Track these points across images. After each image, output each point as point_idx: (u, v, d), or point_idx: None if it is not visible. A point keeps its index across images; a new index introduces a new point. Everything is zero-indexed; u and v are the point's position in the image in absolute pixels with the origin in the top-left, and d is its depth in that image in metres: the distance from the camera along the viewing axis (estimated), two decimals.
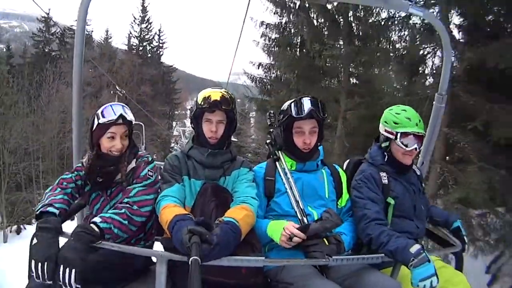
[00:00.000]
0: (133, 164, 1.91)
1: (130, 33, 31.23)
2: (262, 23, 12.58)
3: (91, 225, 1.60)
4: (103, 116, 1.83)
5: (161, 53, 32.11)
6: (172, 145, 26.78)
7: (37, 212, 1.64)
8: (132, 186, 1.83)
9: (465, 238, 2.14)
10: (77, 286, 1.44)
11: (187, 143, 2.08)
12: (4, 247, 15.20)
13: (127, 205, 1.75)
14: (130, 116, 1.90)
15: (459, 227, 2.18)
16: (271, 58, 12.74)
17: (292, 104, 2.00)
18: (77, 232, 1.53)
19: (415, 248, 1.68)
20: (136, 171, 1.88)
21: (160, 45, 32.05)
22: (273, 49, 12.68)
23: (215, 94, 1.92)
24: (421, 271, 1.62)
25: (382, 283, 1.67)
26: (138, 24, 31.18)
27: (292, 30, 12.12)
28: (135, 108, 16.59)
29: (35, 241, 1.49)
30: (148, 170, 1.89)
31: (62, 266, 1.43)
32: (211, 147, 1.96)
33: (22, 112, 18.52)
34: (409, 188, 2.11)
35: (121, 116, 1.84)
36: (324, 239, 1.74)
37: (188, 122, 2.32)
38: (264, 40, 12.83)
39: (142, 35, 31.09)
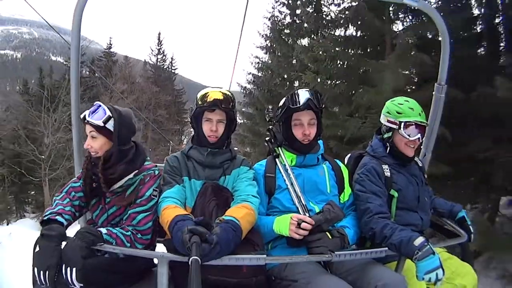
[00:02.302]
0: (130, 176, 1.85)
1: (148, 63, 36.49)
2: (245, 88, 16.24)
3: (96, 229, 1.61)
4: None
5: (174, 79, 37.60)
6: None
7: (45, 218, 1.63)
8: (136, 210, 1.78)
9: (471, 228, 2.12)
10: (80, 285, 1.45)
11: (187, 143, 2.08)
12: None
13: (134, 231, 1.74)
14: (95, 117, 1.79)
15: (464, 217, 2.16)
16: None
17: (290, 97, 1.99)
18: (81, 232, 1.54)
19: (419, 240, 1.66)
20: (142, 189, 1.82)
21: (173, 71, 37.67)
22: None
23: (215, 93, 1.91)
24: (426, 264, 1.60)
25: (386, 277, 1.64)
26: (154, 55, 36.34)
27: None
28: (152, 128, 25.06)
29: (37, 248, 1.49)
30: (153, 190, 1.84)
31: (64, 265, 1.44)
32: (210, 146, 1.95)
33: None
34: (412, 180, 2.09)
35: (85, 115, 1.81)
36: (327, 233, 1.73)
37: None
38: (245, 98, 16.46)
39: (157, 64, 36.27)
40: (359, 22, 7.15)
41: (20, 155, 20.34)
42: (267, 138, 2.18)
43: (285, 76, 13.76)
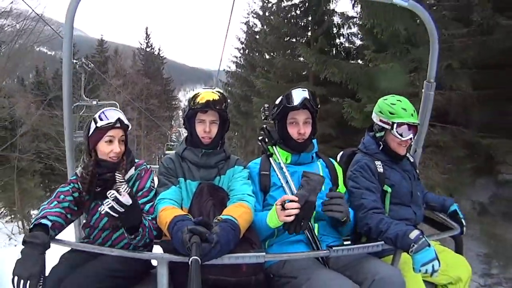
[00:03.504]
0: (132, 171, 1.91)
1: (138, 56, 40.75)
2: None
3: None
4: (100, 120, 1.81)
5: (162, 68, 41.88)
6: (174, 139, 36.18)
7: (31, 226, 1.58)
8: (142, 201, 1.82)
9: (463, 220, 2.16)
10: None
11: (181, 144, 2.07)
12: None
13: (148, 218, 1.76)
14: (126, 120, 1.88)
15: (456, 211, 2.20)
16: None
17: (286, 96, 2.00)
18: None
19: (414, 233, 1.68)
20: (141, 182, 1.88)
21: (161, 61, 41.88)
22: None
23: (207, 94, 1.91)
24: (422, 256, 1.63)
25: (382, 271, 1.66)
26: (143, 49, 40.85)
27: None
28: (145, 115, 28.28)
29: (19, 256, 1.44)
30: (151, 181, 1.90)
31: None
32: (204, 147, 1.95)
33: None
34: (405, 175, 2.13)
35: (119, 119, 1.83)
36: None
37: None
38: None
39: (146, 57, 40.47)
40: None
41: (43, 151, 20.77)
42: (260, 137, 2.19)
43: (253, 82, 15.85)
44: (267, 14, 16.18)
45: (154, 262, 1.79)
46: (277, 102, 2.06)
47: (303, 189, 1.64)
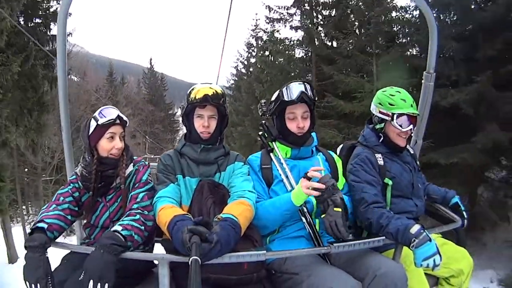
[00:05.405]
0: (130, 167, 1.91)
1: (142, 85, 45.82)
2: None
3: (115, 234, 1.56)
4: (101, 118, 1.81)
5: (165, 95, 45.98)
6: None
7: (29, 231, 1.61)
8: (136, 191, 1.81)
9: (464, 213, 2.16)
10: None
11: (179, 141, 2.06)
12: None
13: (139, 210, 1.73)
14: (125, 117, 1.89)
15: (457, 203, 2.20)
16: None
17: (283, 90, 1.98)
18: (108, 245, 1.48)
19: (415, 228, 1.68)
20: (137, 176, 1.88)
21: (163, 88, 46.20)
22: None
23: (206, 89, 1.89)
24: (423, 251, 1.63)
25: (385, 265, 1.66)
26: (148, 78, 45.38)
27: None
28: (149, 140, 33.30)
29: (24, 262, 1.47)
30: (148, 175, 1.90)
31: (92, 281, 1.38)
32: (203, 143, 1.94)
33: None
34: (405, 167, 2.11)
35: (118, 116, 1.83)
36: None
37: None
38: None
39: (150, 85, 44.99)
40: None
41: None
42: (260, 133, 2.17)
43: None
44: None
45: (155, 260, 1.79)
46: (273, 97, 2.04)
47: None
